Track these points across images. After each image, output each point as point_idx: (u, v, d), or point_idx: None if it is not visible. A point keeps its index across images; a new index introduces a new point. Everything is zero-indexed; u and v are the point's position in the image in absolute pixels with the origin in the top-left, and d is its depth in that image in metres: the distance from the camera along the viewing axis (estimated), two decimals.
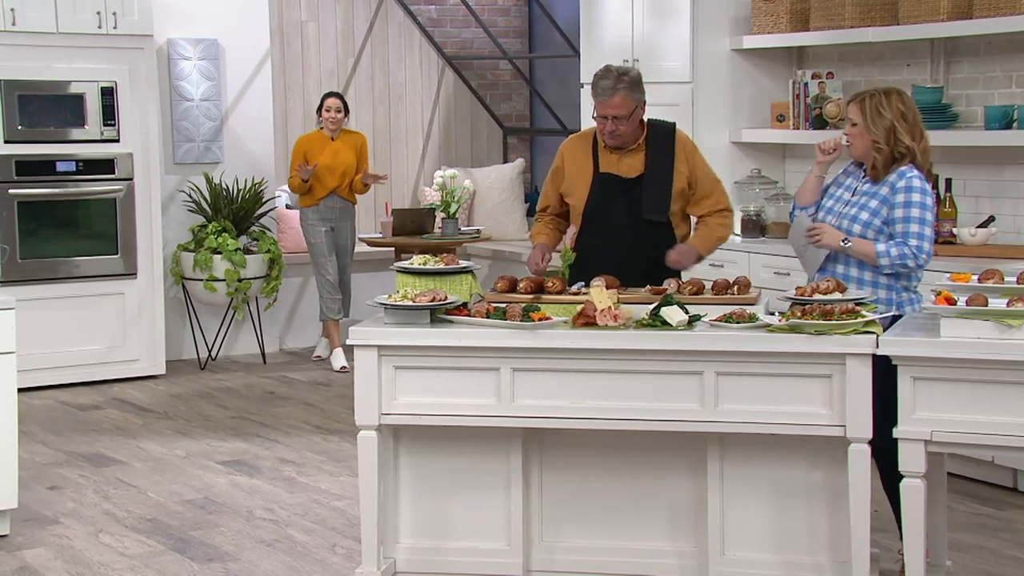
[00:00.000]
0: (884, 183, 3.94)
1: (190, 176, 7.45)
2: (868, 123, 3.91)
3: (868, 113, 3.91)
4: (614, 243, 4.27)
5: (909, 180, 3.88)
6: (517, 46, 9.09)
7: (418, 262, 3.99)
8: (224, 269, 7.15)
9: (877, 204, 3.93)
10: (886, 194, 3.92)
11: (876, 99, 3.92)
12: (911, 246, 3.85)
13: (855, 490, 3.49)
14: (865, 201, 3.96)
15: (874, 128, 3.90)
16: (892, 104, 3.89)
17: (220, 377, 7.15)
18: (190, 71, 7.42)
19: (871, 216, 3.91)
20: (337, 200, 7.18)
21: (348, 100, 8.41)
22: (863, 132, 3.93)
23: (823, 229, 3.97)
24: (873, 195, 3.94)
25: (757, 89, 6.22)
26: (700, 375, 3.58)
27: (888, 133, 3.89)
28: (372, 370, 3.73)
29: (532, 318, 3.68)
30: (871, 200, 3.94)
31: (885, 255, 3.86)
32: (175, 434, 5.95)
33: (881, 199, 3.92)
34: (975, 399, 3.37)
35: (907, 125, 3.89)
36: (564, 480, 3.91)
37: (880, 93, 3.94)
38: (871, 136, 3.91)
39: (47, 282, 6.80)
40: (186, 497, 4.99)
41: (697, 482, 3.81)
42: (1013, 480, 4.92)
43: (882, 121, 3.89)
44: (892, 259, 3.86)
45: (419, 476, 3.95)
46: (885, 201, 3.91)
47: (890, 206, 3.90)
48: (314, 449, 5.68)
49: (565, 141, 4.51)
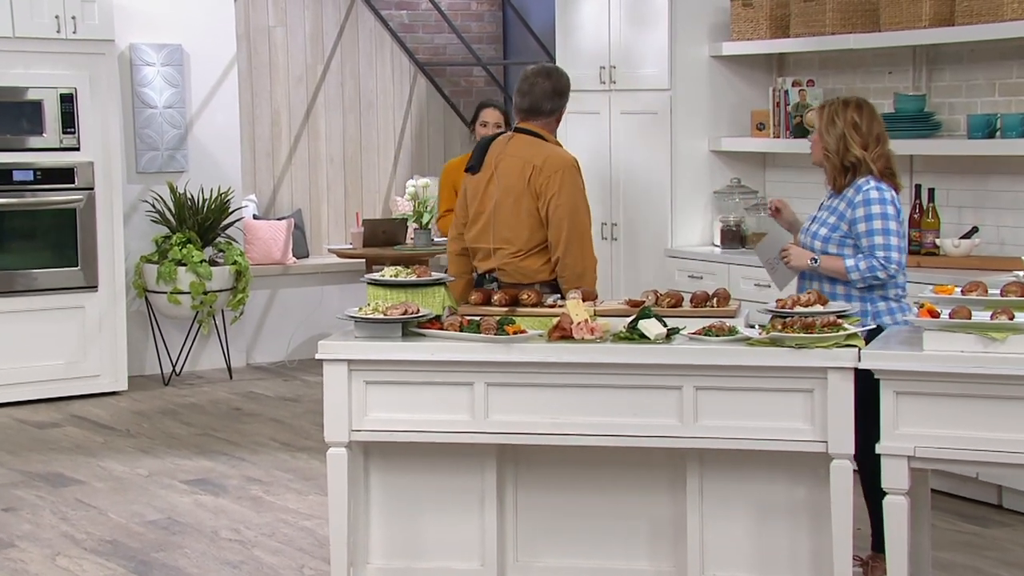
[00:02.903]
0: (842, 198, 4.02)
1: (153, 185, 7.42)
2: (822, 130, 4.04)
3: (824, 121, 4.04)
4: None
5: (866, 193, 3.97)
6: (491, 52, 9.11)
7: (390, 274, 3.99)
8: (189, 281, 7.12)
9: (835, 220, 4.03)
10: (843, 209, 4.02)
11: (833, 107, 4.06)
12: (878, 257, 3.93)
13: (837, 507, 3.51)
14: (825, 216, 4.07)
15: (827, 136, 4.04)
16: (847, 114, 4.01)
17: (184, 393, 7.12)
18: (153, 77, 7.40)
19: (829, 231, 4.02)
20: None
21: (316, 107, 8.43)
22: (817, 141, 4.06)
23: (791, 250, 4.08)
24: (832, 210, 4.05)
25: (736, 97, 6.26)
26: (679, 390, 3.60)
27: (838, 142, 4.00)
28: (342, 385, 3.73)
29: (507, 331, 3.69)
30: (830, 216, 4.05)
31: (854, 269, 3.96)
32: (137, 452, 5.92)
33: (838, 215, 4.02)
34: (959, 414, 3.40)
35: (859, 136, 4.00)
36: (540, 498, 3.92)
37: (839, 102, 4.06)
38: (823, 144, 4.02)
39: (3, 295, 6.75)
40: (148, 518, 4.96)
41: (676, 500, 3.82)
42: (998, 497, 4.95)
43: (834, 130, 4.02)
44: (862, 272, 3.96)
45: (390, 494, 3.94)
46: (842, 217, 4.01)
47: (849, 221, 3.98)
48: (282, 467, 5.66)
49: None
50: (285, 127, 8.32)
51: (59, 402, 6.85)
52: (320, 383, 3.88)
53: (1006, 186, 5.33)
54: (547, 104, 4.42)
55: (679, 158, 6.20)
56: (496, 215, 4.44)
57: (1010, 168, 5.27)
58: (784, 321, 3.62)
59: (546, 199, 4.35)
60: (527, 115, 4.46)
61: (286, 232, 7.95)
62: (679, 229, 6.21)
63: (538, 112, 4.43)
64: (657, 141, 6.21)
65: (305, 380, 7.43)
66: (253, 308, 7.76)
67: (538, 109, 4.42)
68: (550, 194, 4.35)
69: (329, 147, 8.47)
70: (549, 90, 4.41)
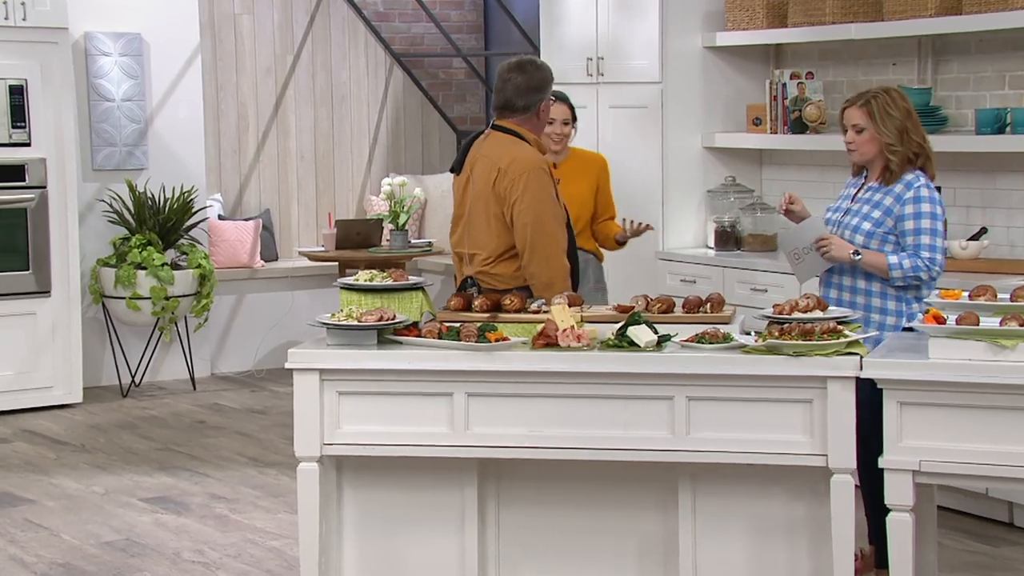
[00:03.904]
0: (888, 192, 4.01)
1: (111, 184, 7.41)
2: (878, 126, 4.03)
3: (877, 115, 4.03)
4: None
5: (917, 190, 3.99)
6: (472, 42, 9.13)
7: (364, 278, 4.00)
8: (149, 286, 7.12)
9: (880, 214, 4.02)
10: (890, 204, 4.00)
11: (882, 99, 4.03)
12: (923, 258, 3.96)
13: (838, 525, 3.54)
14: (867, 211, 4.04)
15: (885, 130, 4.02)
16: (899, 103, 4.02)
17: (144, 405, 7.11)
18: (110, 68, 7.39)
19: (873, 226, 4.02)
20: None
21: (285, 101, 8.43)
22: (873, 136, 4.04)
23: (832, 241, 4.06)
24: (876, 204, 4.02)
25: (731, 90, 6.29)
26: (670, 400, 3.62)
27: (901, 133, 4.01)
28: (313, 396, 3.73)
29: (488, 339, 3.70)
30: (873, 210, 4.02)
31: (897, 267, 3.97)
32: (93, 469, 5.91)
33: (884, 209, 4.01)
34: (967, 426, 3.42)
35: (913, 124, 4.02)
36: (523, 515, 3.93)
37: (883, 92, 4.05)
38: (883, 139, 4.03)
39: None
40: (105, 539, 4.95)
41: (667, 517, 3.84)
42: (1009, 515, 4.98)
43: (892, 121, 4.02)
44: (904, 271, 3.98)
45: (365, 512, 3.95)
46: (888, 212, 4.00)
47: (896, 217, 3.98)
48: (249, 483, 5.66)
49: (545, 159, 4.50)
50: (252, 122, 8.31)
51: (8, 416, 6.83)
52: (290, 394, 3.89)
53: (1016, 185, 5.37)
54: (520, 100, 4.42)
55: (671, 155, 6.23)
56: (470, 219, 4.46)
57: (1021, 165, 5.31)
58: (781, 327, 3.64)
59: (509, 203, 4.34)
60: (500, 112, 4.48)
61: (253, 233, 7.95)
62: (671, 230, 6.24)
63: (512, 109, 4.43)
64: (647, 137, 6.24)
65: (274, 391, 7.43)
66: (218, 314, 7.76)
67: (511, 106, 4.43)
68: (513, 198, 4.33)
69: (299, 143, 8.47)
70: (522, 86, 4.41)
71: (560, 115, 5.13)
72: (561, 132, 5.17)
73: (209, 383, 7.63)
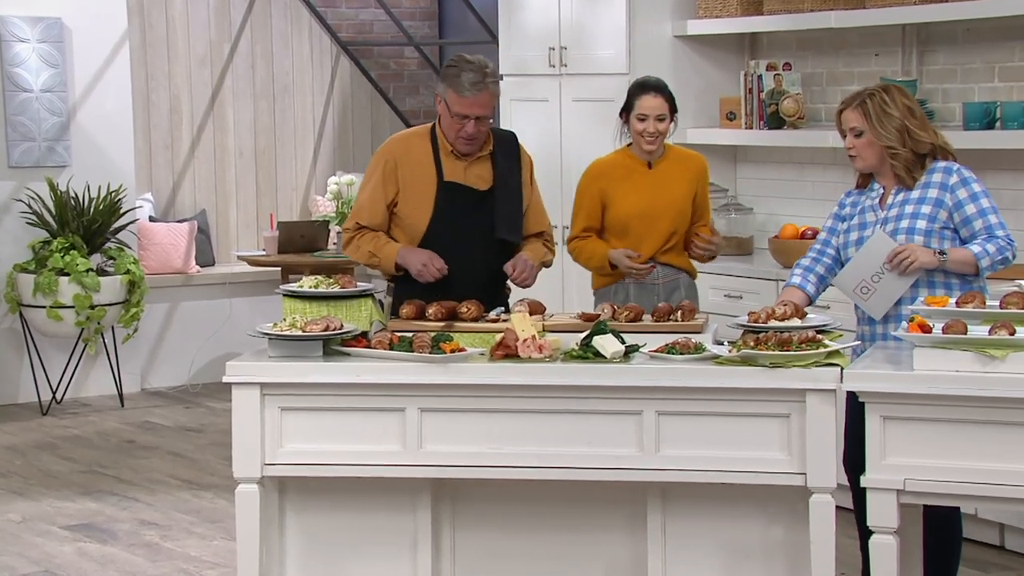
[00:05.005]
0: (926, 186, 3.97)
1: (29, 182, 7.36)
2: (876, 128, 3.96)
3: (873, 115, 3.95)
4: (461, 265, 4.35)
5: (959, 173, 3.96)
6: (425, 30, 9.14)
7: (308, 284, 4.00)
8: (72, 294, 7.08)
9: (930, 209, 3.96)
10: (937, 196, 3.95)
11: (878, 98, 3.96)
12: (1001, 237, 3.93)
13: (818, 549, 3.57)
14: (913, 210, 3.97)
15: (883, 132, 3.94)
16: (898, 101, 3.96)
17: (66, 424, 7.06)
18: (28, 56, 7.35)
19: (929, 223, 3.94)
20: (661, 272, 4.72)
21: (222, 93, 8.41)
22: (871, 140, 3.99)
23: (911, 250, 3.92)
24: (920, 200, 3.96)
25: (704, 82, 6.33)
26: (639, 415, 3.64)
27: (901, 134, 3.95)
28: (254, 412, 3.73)
29: (443, 349, 3.71)
30: (920, 206, 3.95)
31: (984, 255, 3.91)
32: (8, 494, 5.86)
33: (934, 202, 3.95)
34: (954, 442, 3.45)
35: (918, 121, 3.97)
36: (481, 539, 3.94)
37: (880, 91, 3.99)
38: (882, 142, 3.97)
39: None
40: (21, 571, 4.91)
41: (635, 540, 3.86)
42: (1000, 537, 5.03)
43: (891, 121, 3.94)
44: (992, 257, 3.93)
45: (309, 538, 3.94)
46: (939, 204, 3.95)
47: (950, 207, 3.94)
48: (182, 508, 5.64)
49: (394, 141, 4.56)
50: (186, 115, 8.29)
51: None
52: (228, 410, 3.88)
53: (1006, 183, 5.42)
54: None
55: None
56: None
57: (1011, 163, 5.36)
58: (757, 337, 3.67)
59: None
60: None
61: (188, 236, 7.93)
62: None
63: None
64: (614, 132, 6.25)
65: (210, 407, 7.41)
66: (149, 324, 7.72)
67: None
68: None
69: (238, 138, 8.45)
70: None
71: (652, 110, 4.65)
72: (656, 130, 4.66)
73: (139, 399, 7.59)
